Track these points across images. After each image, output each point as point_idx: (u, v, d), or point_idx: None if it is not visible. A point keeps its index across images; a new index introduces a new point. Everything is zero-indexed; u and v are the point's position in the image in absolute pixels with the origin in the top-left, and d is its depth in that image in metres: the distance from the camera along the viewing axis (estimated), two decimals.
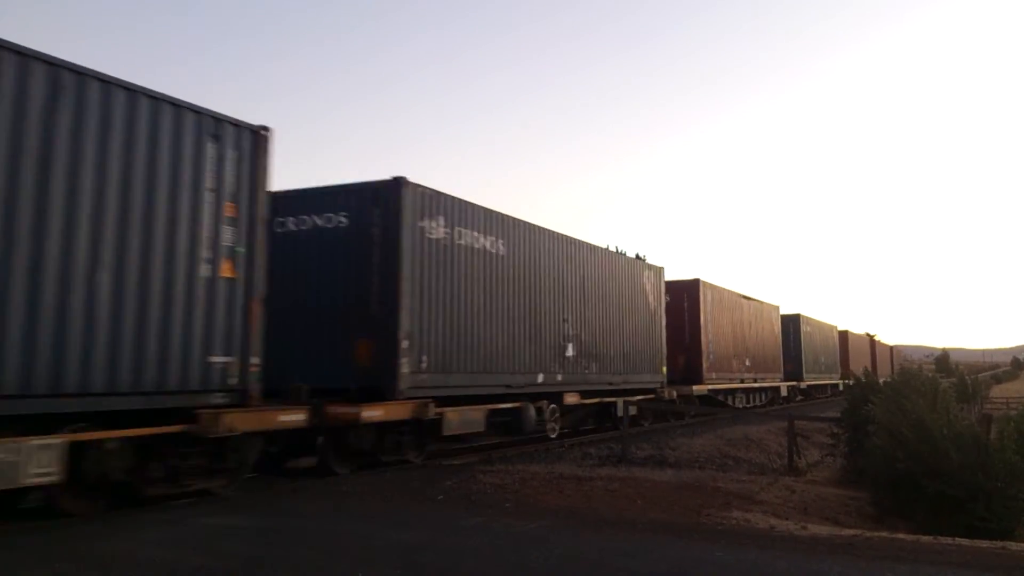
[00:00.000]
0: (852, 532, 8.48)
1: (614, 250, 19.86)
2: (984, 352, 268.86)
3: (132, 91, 8.42)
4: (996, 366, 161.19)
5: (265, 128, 10.28)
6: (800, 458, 15.88)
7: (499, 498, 9.46)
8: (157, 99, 8.68)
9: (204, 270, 9.02)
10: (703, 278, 25.48)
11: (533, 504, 9.15)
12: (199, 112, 9.27)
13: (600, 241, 25.28)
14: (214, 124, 9.44)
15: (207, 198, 9.19)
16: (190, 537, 7.18)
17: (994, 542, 8.17)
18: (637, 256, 47.76)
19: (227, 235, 9.33)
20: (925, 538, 8.16)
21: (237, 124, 9.81)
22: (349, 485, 10.31)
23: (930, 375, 17.16)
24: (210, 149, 9.36)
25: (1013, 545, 7.98)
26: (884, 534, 8.46)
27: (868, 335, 56.57)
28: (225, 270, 9.30)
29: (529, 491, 9.99)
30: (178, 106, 8.95)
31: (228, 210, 9.41)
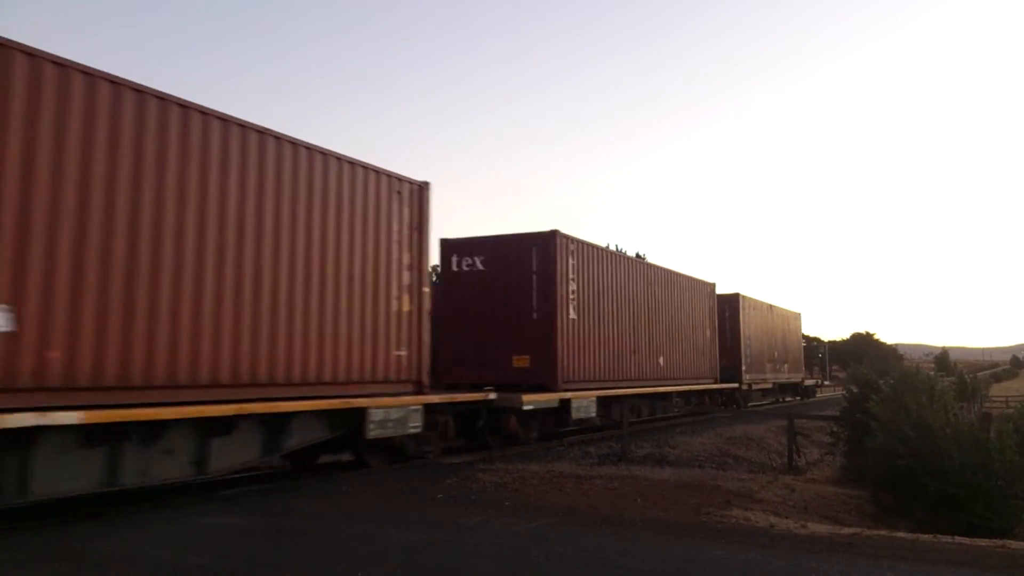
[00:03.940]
0: (852, 531, 8.49)
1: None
2: (984, 351, 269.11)
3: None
4: (995, 365, 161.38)
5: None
6: (800, 457, 15.90)
7: (499, 497, 9.46)
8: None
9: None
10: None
11: (533, 503, 9.15)
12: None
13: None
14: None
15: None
16: (189, 536, 7.18)
17: (994, 540, 8.16)
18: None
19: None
20: (925, 536, 8.17)
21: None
22: (349, 485, 10.31)
23: (929, 374, 17.19)
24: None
25: (1013, 543, 7.98)
26: (884, 532, 8.47)
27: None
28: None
29: (529, 490, 9.99)
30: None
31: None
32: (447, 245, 16.77)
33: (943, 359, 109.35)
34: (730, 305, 28.68)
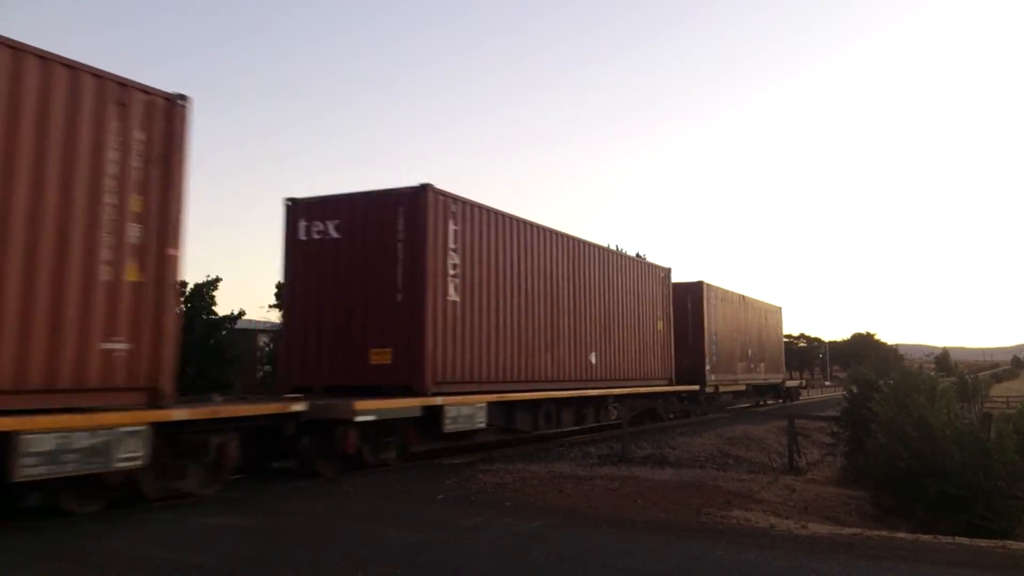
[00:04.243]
0: (852, 531, 8.48)
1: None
2: (984, 351, 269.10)
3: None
4: (996, 365, 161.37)
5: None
6: (800, 457, 15.90)
7: (499, 497, 9.45)
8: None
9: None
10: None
11: (533, 503, 9.14)
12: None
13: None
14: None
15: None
16: (189, 537, 7.18)
17: (994, 541, 8.16)
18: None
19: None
20: (925, 537, 8.16)
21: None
22: (349, 485, 10.31)
23: (930, 374, 17.19)
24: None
25: (1013, 544, 7.98)
26: (884, 533, 8.46)
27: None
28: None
29: (529, 490, 9.99)
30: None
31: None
32: (294, 207, 13.38)
33: (944, 359, 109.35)
34: (692, 295, 25.06)
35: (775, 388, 34.32)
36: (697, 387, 24.12)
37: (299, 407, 10.60)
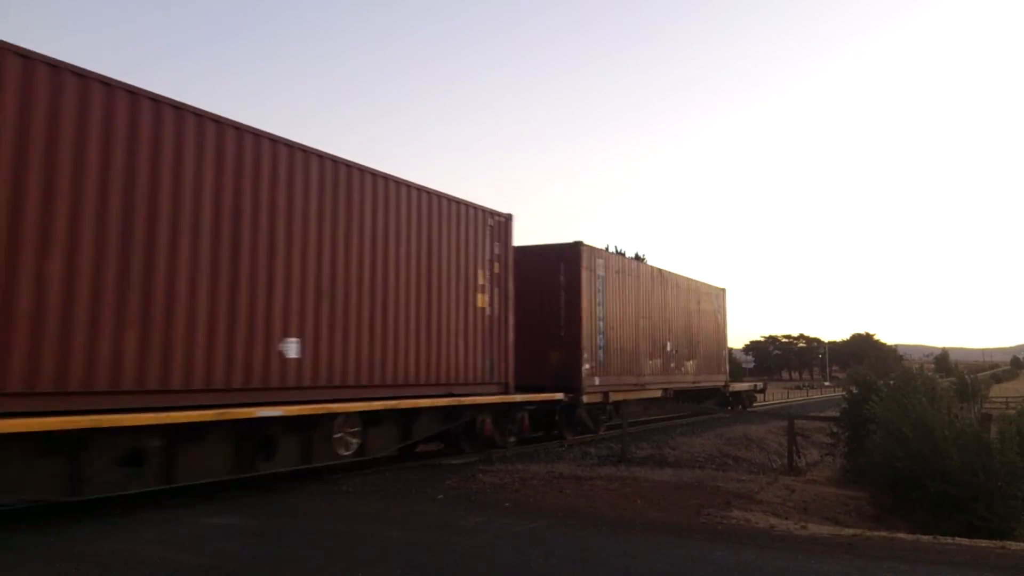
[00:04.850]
0: (852, 532, 8.49)
1: None
2: (983, 351, 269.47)
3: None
4: (995, 365, 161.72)
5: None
6: (800, 458, 15.91)
7: (499, 498, 9.46)
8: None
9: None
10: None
11: (533, 504, 9.15)
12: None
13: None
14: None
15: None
16: (190, 537, 7.18)
17: (994, 541, 8.17)
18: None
19: None
20: (925, 538, 8.17)
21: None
22: (349, 485, 10.31)
23: (929, 375, 17.21)
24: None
25: (1013, 544, 7.99)
26: (884, 534, 8.46)
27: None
28: None
29: (529, 491, 9.99)
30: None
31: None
32: None
33: (943, 360, 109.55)
34: (566, 262, 17.28)
35: (717, 393, 26.54)
36: (562, 395, 16.01)
37: None
